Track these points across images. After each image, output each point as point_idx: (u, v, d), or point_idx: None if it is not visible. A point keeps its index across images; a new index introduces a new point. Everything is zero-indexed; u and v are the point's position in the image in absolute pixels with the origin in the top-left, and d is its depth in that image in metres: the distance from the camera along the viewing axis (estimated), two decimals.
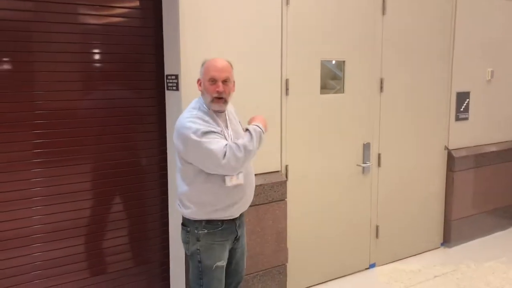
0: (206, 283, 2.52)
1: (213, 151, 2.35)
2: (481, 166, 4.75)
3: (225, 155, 2.36)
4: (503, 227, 5.08)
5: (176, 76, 2.97)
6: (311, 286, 3.77)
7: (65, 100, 2.92)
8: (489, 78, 4.76)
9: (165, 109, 3.19)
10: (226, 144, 2.39)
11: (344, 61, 3.74)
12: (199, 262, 2.51)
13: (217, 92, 2.43)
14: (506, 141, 5.05)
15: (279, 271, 3.48)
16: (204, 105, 2.50)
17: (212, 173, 2.42)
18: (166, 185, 3.27)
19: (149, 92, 3.19)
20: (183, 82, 2.95)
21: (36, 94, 2.83)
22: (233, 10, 3.09)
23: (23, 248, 2.87)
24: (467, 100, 4.62)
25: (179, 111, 2.97)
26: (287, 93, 3.44)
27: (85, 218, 3.05)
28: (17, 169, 2.80)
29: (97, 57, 3.01)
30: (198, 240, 2.50)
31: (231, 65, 2.53)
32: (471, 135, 4.71)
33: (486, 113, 4.81)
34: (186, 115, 2.45)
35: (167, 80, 3.09)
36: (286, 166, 3.50)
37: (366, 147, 3.93)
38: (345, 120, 3.79)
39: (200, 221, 2.50)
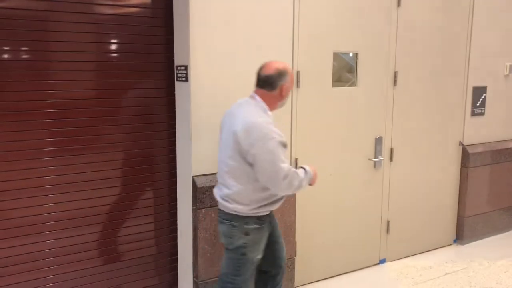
0: (244, 275, 2.59)
1: (281, 168, 2.42)
2: (497, 162, 4.66)
3: (286, 177, 2.44)
4: None
5: (186, 67, 2.95)
6: (320, 280, 3.75)
7: (76, 90, 2.93)
8: (507, 72, 4.65)
9: (174, 100, 3.18)
10: (291, 168, 2.46)
11: (357, 54, 3.68)
12: (243, 255, 2.57)
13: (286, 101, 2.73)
14: None
15: (287, 264, 3.45)
16: (268, 111, 2.57)
17: (260, 180, 2.47)
18: (175, 176, 3.27)
19: (159, 82, 3.18)
20: (192, 73, 2.93)
21: (47, 84, 2.84)
22: (243, 2, 3.06)
23: (36, 235, 2.90)
24: (484, 95, 4.52)
25: (188, 102, 2.96)
26: (298, 86, 3.40)
27: (93, 208, 3.07)
28: (30, 157, 2.83)
29: (107, 47, 3.01)
30: (247, 234, 2.56)
31: None
32: (487, 131, 4.62)
33: (503, 109, 4.71)
34: (262, 119, 2.49)
35: (177, 71, 3.08)
36: (296, 160, 3.47)
37: (378, 141, 3.87)
38: (357, 114, 3.74)
39: (252, 216, 2.55)
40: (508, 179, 4.78)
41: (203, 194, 3.02)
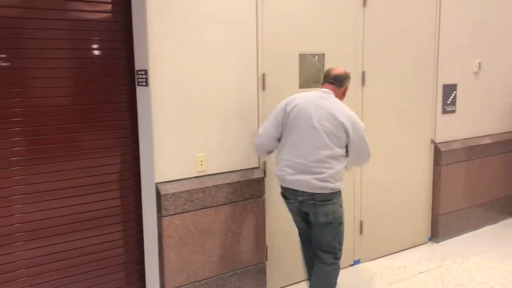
0: (343, 238, 3.07)
1: (370, 150, 3.07)
2: (469, 159, 4.67)
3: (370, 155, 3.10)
4: (492, 221, 5.01)
5: (145, 71, 2.89)
6: (293, 283, 3.70)
7: (36, 98, 2.84)
8: (477, 70, 4.67)
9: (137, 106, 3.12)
10: None
11: (323, 54, 3.65)
12: (342, 224, 3.00)
13: None
14: (495, 134, 4.97)
15: (257, 269, 3.41)
16: None
17: (353, 159, 3.02)
18: (139, 184, 3.20)
19: (120, 88, 3.11)
20: (152, 77, 2.87)
21: (12, 92, 2.77)
22: (204, 3, 3.00)
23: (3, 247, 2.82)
24: (454, 92, 4.53)
25: (149, 107, 2.90)
26: (264, 88, 3.36)
27: (59, 218, 2.98)
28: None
29: (66, 53, 2.93)
30: (341, 206, 2.98)
31: None
32: (459, 128, 4.63)
33: (474, 106, 4.73)
34: (353, 113, 2.98)
35: (137, 76, 3.01)
36: (264, 162, 3.43)
37: None
38: None
39: (340, 190, 2.96)
40: (480, 175, 4.80)
41: (167, 202, 2.96)
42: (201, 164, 3.11)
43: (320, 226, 2.94)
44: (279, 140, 2.99)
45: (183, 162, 3.04)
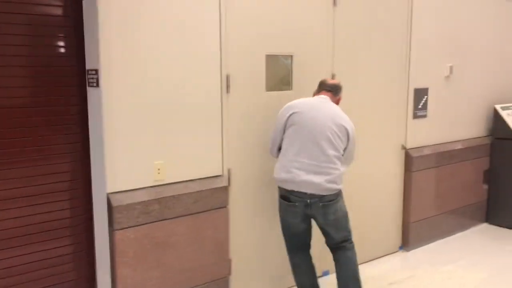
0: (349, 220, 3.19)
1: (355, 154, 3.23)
2: (440, 165, 4.58)
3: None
4: (463, 228, 4.93)
5: (96, 71, 2.63)
6: None
7: None
8: (448, 74, 4.58)
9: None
10: None
11: (292, 56, 3.46)
12: (347, 213, 3.15)
13: None
14: (466, 139, 4.90)
15: (219, 285, 3.18)
16: None
17: (347, 161, 3.15)
18: (90, 194, 2.93)
19: (71, 89, 2.84)
20: (103, 77, 2.61)
21: None
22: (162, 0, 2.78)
23: None
24: (426, 97, 4.43)
25: (100, 110, 2.65)
26: (228, 91, 3.14)
27: (3, 231, 2.69)
28: None
29: (11, 50, 2.64)
30: (343, 200, 3.15)
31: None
32: (430, 133, 4.53)
33: (445, 111, 4.64)
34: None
35: (88, 76, 2.75)
36: (229, 170, 3.21)
37: None
38: None
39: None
40: (451, 181, 4.71)
41: (119, 214, 2.70)
42: (158, 173, 2.87)
43: (331, 224, 3.07)
44: None
45: (138, 170, 2.80)
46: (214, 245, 3.11)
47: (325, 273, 3.89)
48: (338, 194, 3.06)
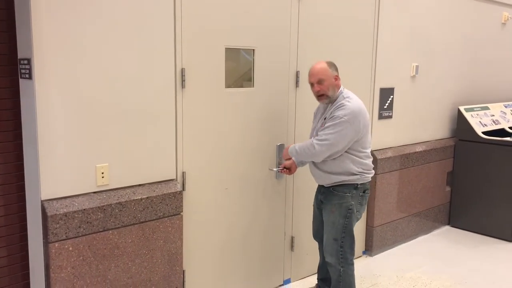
0: None
1: None
2: (405, 167, 4.45)
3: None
4: (426, 231, 4.84)
5: (29, 61, 2.29)
6: None
7: None
8: (414, 74, 4.45)
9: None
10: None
11: (253, 50, 3.21)
12: None
13: (315, 93, 3.01)
14: (431, 141, 4.81)
15: None
16: None
17: None
18: (23, 199, 2.58)
19: (1, 80, 2.48)
20: (37, 68, 2.27)
21: None
22: None
23: None
24: (391, 96, 4.28)
25: (33, 105, 2.31)
26: (183, 86, 2.86)
27: None
28: None
29: None
30: None
31: (328, 65, 2.99)
32: (395, 134, 4.39)
33: (410, 111, 4.51)
34: None
35: (20, 66, 2.40)
36: (183, 173, 2.93)
37: (280, 148, 3.44)
38: (256, 119, 3.28)
39: None
40: (415, 184, 4.60)
41: (56, 224, 2.37)
42: (102, 177, 2.55)
43: None
44: None
45: (79, 175, 2.48)
46: (165, 256, 2.83)
47: (286, 282, 3.68)
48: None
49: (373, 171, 3.10)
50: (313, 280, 3.74)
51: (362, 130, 2.91)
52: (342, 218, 3.00)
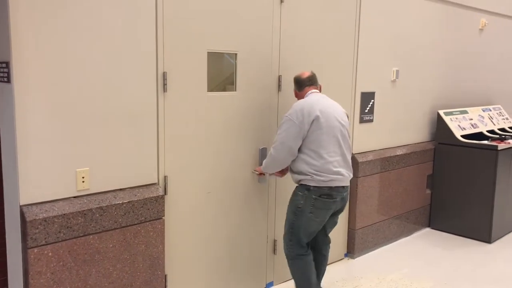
0: None
1: None
2: (386, 170, 4.50)
3: None
4: (407, 233, 4.90)
5: (7, 64, 2.26)
6: None
7: None
8: (394, 78, 4.52)
9: None
10: None
11: (236, 54, 3.22)
12: None
13: None
14: (411, 144, 4.88)
15: None
16: None
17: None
18: (1, 204, 2.54)
19: None
20: (16, 72, 2.25)
21: None
22: None
23: None
24: (372, 101, 4.34)
25: (12, 110, 2.28)
26: (165, 89, 2.85)
27: None
28: None
29: None
30: None
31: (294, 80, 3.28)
32: (376, 138, 4.45)
33: (391, 115, 4.57)
34: None
35: None
36: (165, 178, 2.92)
37: (263, 152, 3.45)
38: (238, 122, 3.29)
39: None
40: (396, 187, 4.66)
41: (35, 229, 2.34)
42: (83, 181, 2.53)
43: (338, 214, 3.25)
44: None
45: (59, 179, 2.45)
46: (147, 261, 2.81)
47: (269, 285, 3.68)
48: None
49: (334, 176, 3.00)
50: None
51: (308, 127, 2.97)
52: (291, 214, 3.12)
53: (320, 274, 3.34)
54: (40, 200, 2.40)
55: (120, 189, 2.70)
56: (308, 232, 3.11)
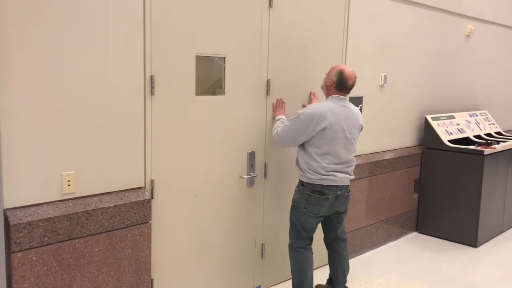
0: None
1: None
2: (374, 175, 4.53)
3: None
4: (394, 237, 4.93)
5: None
6: None
7: None
8: (382, 83, 4.55)
9: None
10: None
11: (224, 58, 3.22)
12: None
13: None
14: (399, 148, 4.91)
15: None
16: None
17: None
18: None
19: None
20: (0, 74, 2.22)
21: None
22: None
23: None
24: (360, 105, 4.36)
25: None
26: (152, 93, 2.84)
27: None
28: None
29: None
30: None
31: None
32: (364, 142, 4.46)
33: (379, 120, 4.60)
34: None
35: None
36: (152, 181, 2.90)
37: (251, 156, 3.45)
38: (226, 126, 3.29)
39: None
40: (384, 191, 4.69)
41: (19, 233, 2.31)
42: (69, 185, 2.51)
43: (342, 214, 3.41)
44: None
45: (44, 182, 2.43)
46: (133, 265, 2.79)
47: None
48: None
49: (325, 176, 3.16)
50: (284, 287, 3.76)
51: (313, 134, 3.14)
52: (291, 208, 3.34)
53: (338, 271, 3.51)
54: (24, 203, 2.37)
55: (107, 193, 2.68)
56: (306, 227, 3.27)
